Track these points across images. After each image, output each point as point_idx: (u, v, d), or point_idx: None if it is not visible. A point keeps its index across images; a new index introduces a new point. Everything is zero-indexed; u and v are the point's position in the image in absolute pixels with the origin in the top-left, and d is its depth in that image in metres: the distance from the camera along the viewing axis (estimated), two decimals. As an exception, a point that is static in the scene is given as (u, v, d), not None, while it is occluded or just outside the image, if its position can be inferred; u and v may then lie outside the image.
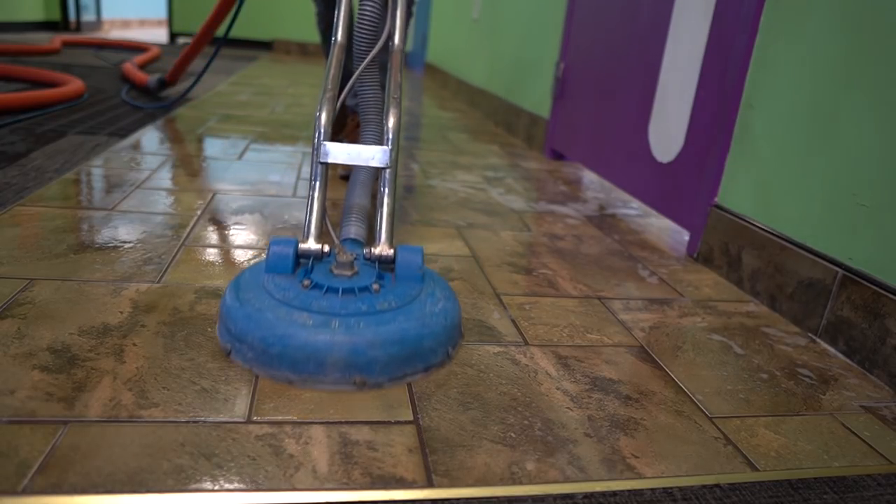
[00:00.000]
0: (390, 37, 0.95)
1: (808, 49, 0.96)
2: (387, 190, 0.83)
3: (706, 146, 1.21)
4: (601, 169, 1.67)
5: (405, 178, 1.58)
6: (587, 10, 1.81)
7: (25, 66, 2.34)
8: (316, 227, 0.80)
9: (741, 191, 1.10)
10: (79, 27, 5.49)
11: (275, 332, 0.66)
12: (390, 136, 0.84)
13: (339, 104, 0.85)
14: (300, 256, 0.79)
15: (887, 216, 0.82)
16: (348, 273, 0.76)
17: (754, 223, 1.05)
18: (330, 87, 0.85)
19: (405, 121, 2.46)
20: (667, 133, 1.35)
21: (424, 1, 4.60)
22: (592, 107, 1.75)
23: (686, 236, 1.33)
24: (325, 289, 0.72)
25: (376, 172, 0.82)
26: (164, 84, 2.18)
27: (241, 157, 1.61)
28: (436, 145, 2.05)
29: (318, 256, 0.79)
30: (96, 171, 1.35)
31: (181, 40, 4.83)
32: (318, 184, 0.81)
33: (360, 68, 0.94)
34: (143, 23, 8.01)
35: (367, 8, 0.89)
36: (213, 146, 1.69)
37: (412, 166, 1.72)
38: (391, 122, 0.85)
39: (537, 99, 2.17)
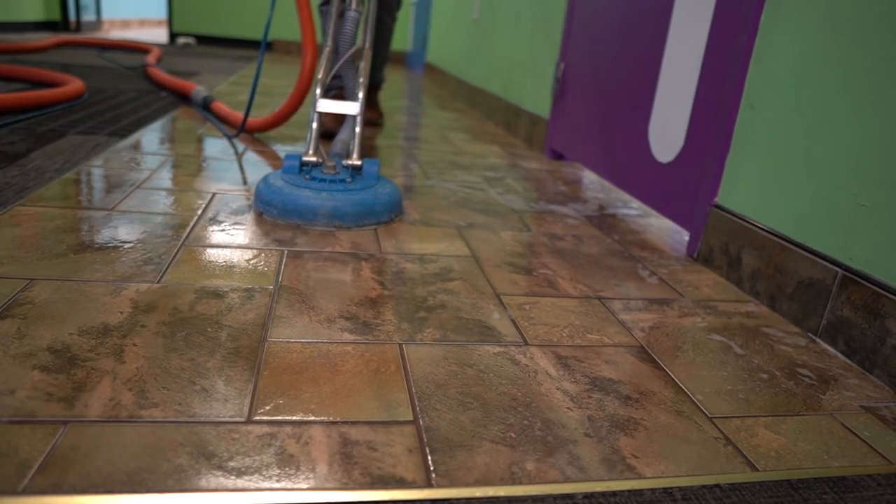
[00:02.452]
0: (363, 44, 1.44)
1: (808, 49, 0.96)
2: (357, 125, 1.33)
3: (706, 146, 1.21)
4: (601, 169, 1.67)
5: (405, 178, 1.58)
6: (587, 10, 1.81)
7: (26, 66, 2.34)
8: (314, 149, 1.30)
9: (741, 191, 1.10)
10: (79, 27, 5.50)
11: (290, 198, 1.14)
12: (359, 98, 1.36)
13: (326, 83, 1.37)
14: (303, 165, 1.28)
15: (887, 216, 0.82)
16: (332, 172, 1.25)
17: (754, 223, 1.05)
18: (321, 77, 1.36)
19: (404, 121, 2.47)
20: (667, 133, 1.35)
21: (424, 1, 4.60)
22: (592, 107, 1.75)
23: (686, 236, 1.33)
24: (318, 180, 1.21)
25: (353, 120, 1.35)
26: (207, 104, 2.12)
27: (241, 156, 1.61)
28: (436, 145, 2.05)
29: (315, 165, 1.29)
30: (96, 171, 1.35)
31: (181, 40, 4.83)
32: (315, 122, 1.32)
33: (342, 61, 1.42)
34: (143, 23, 8.01)
35: (348, 27, 1.39)
36: (212, 146, 1.69)
37: (412, 166, 1.72)
38: (360, 92, 1.36)
39: (537, 99, 2.17)
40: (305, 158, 1.27)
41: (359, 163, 1.28)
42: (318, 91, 1.34)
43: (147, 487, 0.50)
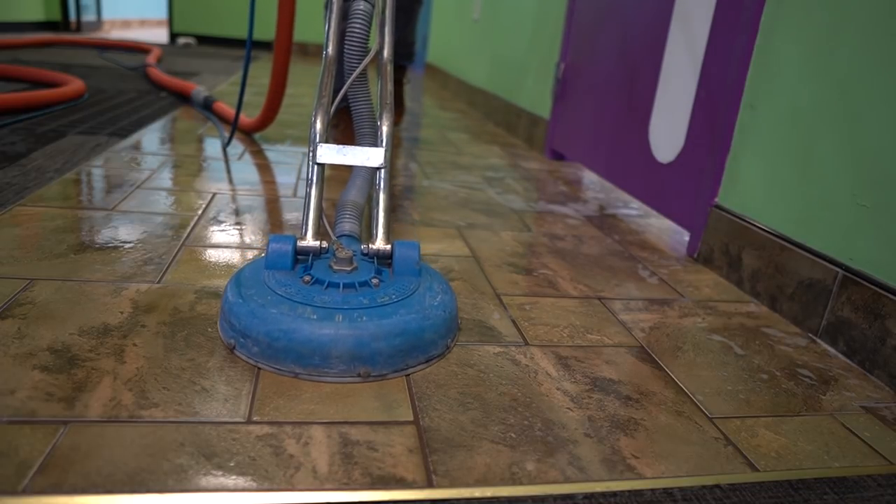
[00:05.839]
0: (380, 50, 0.98)
1: (808, 49, 0.96)
2: (382, 186, 0.85)
3: (706, 146, 1.21)
4: (601, 169, 1.67)
5: (405, 179, 1.58)
6: (587, 10, 1.81)
7: (26, 67, 2.34)
8: (313, 225, 0.81)
9: (741, 191, 1.10)
10: (79, 27, 5.50)
11: (279, 327, 0.66)
12: (384, 138, 0.87)
13: (332, 110, 0.89)
14: (299, 253, 0.80)
15: (887, 216, 0.82)
16: (347, 269, 0.77)
17: (754, 223, 1.05)
18: (323, 93, 0.89)
19: (404, 120, 2.46)
20: (667, 133, 1.35)
21: (425, 1, 4.60)
22: (592, 107, 1.75)
23: (686, 236, 1.33)
24: (325, 284, 0.73)
25: (373, 174, 0.86)
26: (209, 104, 2.11)
27: (241, 157, 1.61)
28: (436, 146, 2.05)
29: (317, 253, 0.80)
30: (96, 171, 1.35)
31: (181, 40, 4.83)
32: (314, 183, 0.84)
33: (351, 79, 0.97)
34: (143, 23, 8.01)
35: (357, 26, 0.92)
36: (213, 146, 1.69)
37: (412, 166, 1.72)
38: (385, 125, 0.88)
39: (537, 99, 2.17)
40: (302, 244, 0.80)
41: (387, 248, 0.81)
42: (317, 123, 0.84)
43: (147, 487, 0.50)
